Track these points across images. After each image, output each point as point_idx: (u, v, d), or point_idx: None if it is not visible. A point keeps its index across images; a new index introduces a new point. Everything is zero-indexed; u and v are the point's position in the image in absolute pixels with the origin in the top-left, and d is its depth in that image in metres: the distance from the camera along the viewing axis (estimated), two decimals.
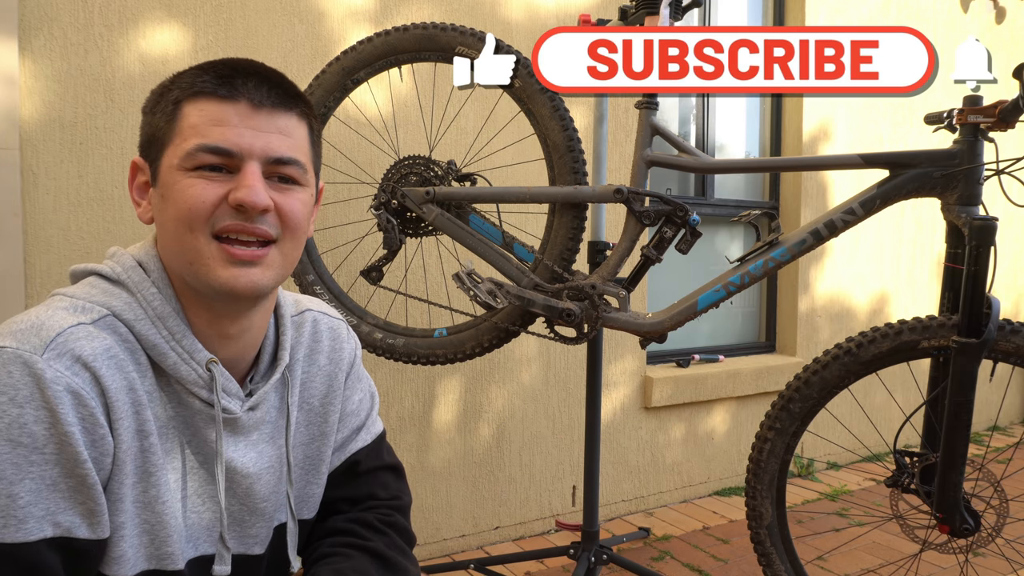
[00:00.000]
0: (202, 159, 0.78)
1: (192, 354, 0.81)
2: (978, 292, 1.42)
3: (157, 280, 0.82)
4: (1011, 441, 3.77)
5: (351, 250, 2.04)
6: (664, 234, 1.59)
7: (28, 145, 1.68)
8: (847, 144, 3.27)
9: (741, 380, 2.95)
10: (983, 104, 1.46)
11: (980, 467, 1.54)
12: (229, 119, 0.79)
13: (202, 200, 0.78)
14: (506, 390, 2.42)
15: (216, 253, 0.79)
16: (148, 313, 0.80)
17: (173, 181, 0.79)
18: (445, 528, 2.34)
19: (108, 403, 0.75)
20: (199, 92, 0.80)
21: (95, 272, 0.84)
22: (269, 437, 0.90)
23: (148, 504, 0.79)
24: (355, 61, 1.74)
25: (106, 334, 0.77)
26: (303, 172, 0.84)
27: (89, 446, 0.73)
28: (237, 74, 0.81)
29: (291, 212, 0.82)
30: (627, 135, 2.60)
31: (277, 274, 0.83)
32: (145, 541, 0.79)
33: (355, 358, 1.04)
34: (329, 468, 1.00)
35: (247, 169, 0.79)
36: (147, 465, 0.78)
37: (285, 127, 0.82)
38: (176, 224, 0.79)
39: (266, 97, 0.81)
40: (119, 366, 0.76)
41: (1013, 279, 4.12)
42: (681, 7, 1.67)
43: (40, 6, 1.68)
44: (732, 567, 2.26)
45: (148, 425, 0.78)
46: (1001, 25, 3.86)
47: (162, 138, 0.81)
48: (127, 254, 0.85)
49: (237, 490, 0.87)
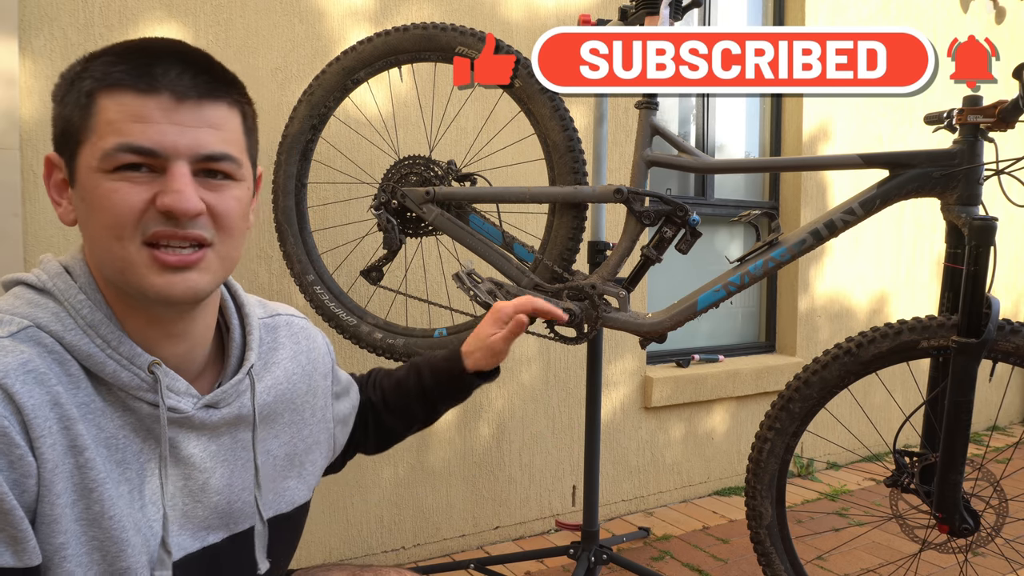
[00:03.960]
0: (122, 159, 0.72)
1: (132, 359, 0.76)
2: (978, 292, 1.42)
3: (84, 286, 0.77)
4: (1010, 441, 3.78)
5: (351, 250, 2.04)
6: (664, 234, 1.59)
7: (28, 145, 1.68)
8: (847, 144, 3.27)
9: (741, 380, 2.95)
10: (983, 104, 1.46)
11: (980, 467, 1.54)
12: (150, 114, 0.72)
13: (128, 206, 0.72)
14: (506, 390, 2.42)
15: (148, 261, 0.74)
16: (78, 322, 0.75)
17: (94, 185, 0.73)
18: (445, 528, 2.34)
19: (26, 421, 0.68)
20: (115, 84, 0.72)
21: (21, 282, 0.79)
22: (235, 432, 0.87)
23: (93, 520, 0.73)
24: (355, 61, 1.74)
25: (25, 347, 0.71)
26: (237, 167, 0.78)
27: (5, 468, 0.67)
28: (157, 61, 0.73)
29: (225, 212, 0.77)
30: (627, 135, 2.60)
31: (215, 276, 0.79)
32: (96, 559, 0.74)
33: (331, 351, 1.07)
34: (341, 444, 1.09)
35: (174, 171, 0.73)
36: (86, 481, 0.72)
37: (214, 119, 0.75)
38: (102, 233, 0.74)
39: (191, 87, 0.74)
40: (39, 380, 0.70)
41: (1013, 279, 4.13)
42: (681, 7, 1.67)
43: (40, 6, 1.68)
44: (732, 567, 2.27)
45: (82, 440, 0.72)
46: (1001, 25, 3.86)
47: (76, 134, 0.74)
48: (54, 261, 0.80)
49: (192, 485, 0.83)
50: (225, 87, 0.78)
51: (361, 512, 2.19)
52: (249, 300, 0.94)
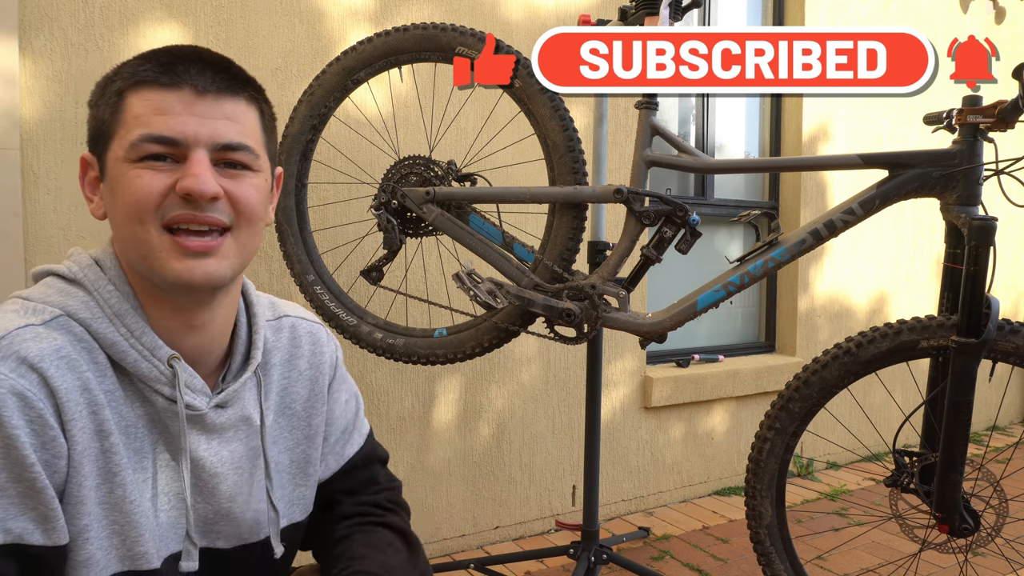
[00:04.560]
0: (147, 149, 0.76)
1: (153, 351, 0.80)
2: (977, 292, 1.42)
3: (114, 277, 0.81)
4: (1010, 441, 3.78)
5: (351, 250, 2.04)
6: (664, 234, 1.59)
7: (28, 145, 1.68)
8: (846, 144, 3.27)
9: (741, 380, 2.95)
10: (983, 104, 1.46)
11: (979, 467, 1.54)
12: (172, 107, 0.77)
13: (149, 191, 0.76)
14: (506, 390, 2.42)
15: (168, 245, 0.77)
16: (105, 311, 0.79)
17: (120, 174, 0.77)
18: (445, 528, 2.34)
19: (59, 404, 0.72)
20: (141, 81, 0.78)
21: (52, 272, 0.83)
22: (244, 436, 0.89)
23: (115, 505, 0.77)
24: (355, 61, 1.74)
25: (57, 334, 0.75)
26: (254, 157, 0.82)
27: (39, 449, 0.71)
28: (179, 61, 0.79)
29: (243, 198, 0.80)
30: (627, 135, 2.60)
31: (234, 263, 0.82)
32: (116, 543, 0.77)
33: (337, 361, 1.03)
34: (325, 474, 1.00)
35: (193, 157, 0.77)
36: (110, 466, 0.76)
37: (232, 112, 0.80)
38: (125, 217, 0.78)
39: (210, 82, 0.79)
40: (71, 366, 0.74)
41: (1013, 279, 4.13)
42: (681, 7, 1.67)
43: (40, 6, 1.68)
44: (732, 567, 2.27)
45: (108, 425, 0.76)
46: (1001, 25, 3.86)
47: (107, 131, 0.79)
48: (85, 253, 0.83)
49: (203, 488, 0.85)
50: (243, 84, 0.83)
51: None
52: (259, 299, 0.95)
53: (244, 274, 0.91)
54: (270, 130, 0.87)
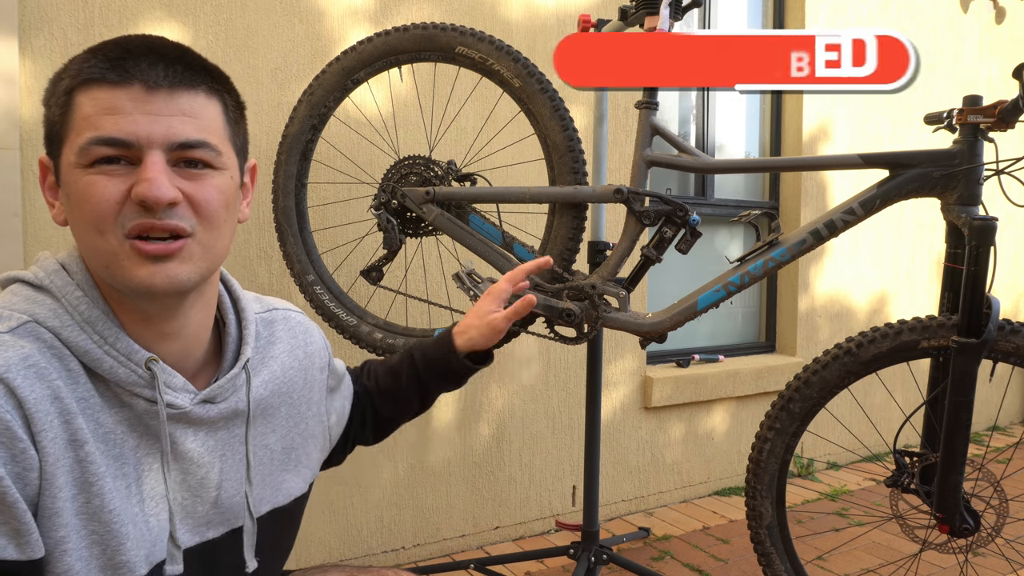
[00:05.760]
0: (98, 152, 0.72)
1: (129, 356, 0.76)
2: (978, 292, 1.42)
3: (81, 282, 0.77)
4: (1011, 441, 3.78)
5: (351, 250, 2.04)
6: (664, 234, 1.59)
7: (28, 145, 1.68)
8: (847, 144, 3.27)
9: (741, 380, 2.95)
10: (983, 104, 1.46)
11: (980, 467, 1.54)
12: (122, 106, 0.72)
13: (105, 199, 0.72)
14: (506, 390, 2.42)
15: (129, 252, 0.73)
16: (75, 318, 0.75)
17: (74, 180, 0.73)
18: (445, 528, 2.34)
19: (28, 415, 0.69)
20: (88, 79, 0.73)
21: (19, 279, 0.79)
22: (233, 428, 0.88)
23: (93, 514, 0.74)
24: (355, 61, 1.74)
25: (25, 342, 0.72)
26: (216, 154, 0.77)
27: (8, 462, 0.68)
28: (128, 55, 0.73)
29: (204, 201, 0.76)
30: (627, 135, 2.60)
31: (199, 267, 0.78)
32: (96, 552, 0.74)
33: (327, 345, 1.07)
34: (336, 437, 1.09)
35: (147, 160, 0.72)
36: (86, 475, 0.73)
37: (189, 107, 0.75)
38: (85, 227, 0.74)
39: (163, 76, 0.73)
40: (40, 375, 0.71)
41: (1013, 279, 4.12)
42: (681, 7, 1.67)
43: (40, 6, 1.68)
44: (732, 567, 2.26)
45: (82, 434, 0.73)
46: (1001, 25, 3.86)
47: (59, 133, 0.75)
48: (52, 258, 0.80)
49: (192, 482, 0.83)
50: (200, 75, 0.77)
51: (361, 512, 2.19)
52: (246, 295, 0.95)
53: (243, 274, 0.90)
54: (235, 122, 0.82)
